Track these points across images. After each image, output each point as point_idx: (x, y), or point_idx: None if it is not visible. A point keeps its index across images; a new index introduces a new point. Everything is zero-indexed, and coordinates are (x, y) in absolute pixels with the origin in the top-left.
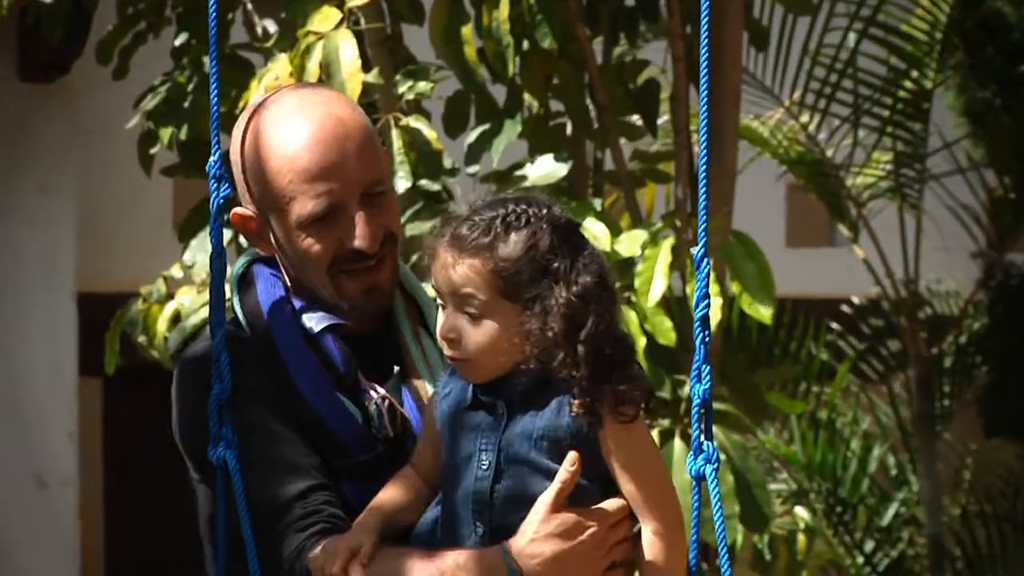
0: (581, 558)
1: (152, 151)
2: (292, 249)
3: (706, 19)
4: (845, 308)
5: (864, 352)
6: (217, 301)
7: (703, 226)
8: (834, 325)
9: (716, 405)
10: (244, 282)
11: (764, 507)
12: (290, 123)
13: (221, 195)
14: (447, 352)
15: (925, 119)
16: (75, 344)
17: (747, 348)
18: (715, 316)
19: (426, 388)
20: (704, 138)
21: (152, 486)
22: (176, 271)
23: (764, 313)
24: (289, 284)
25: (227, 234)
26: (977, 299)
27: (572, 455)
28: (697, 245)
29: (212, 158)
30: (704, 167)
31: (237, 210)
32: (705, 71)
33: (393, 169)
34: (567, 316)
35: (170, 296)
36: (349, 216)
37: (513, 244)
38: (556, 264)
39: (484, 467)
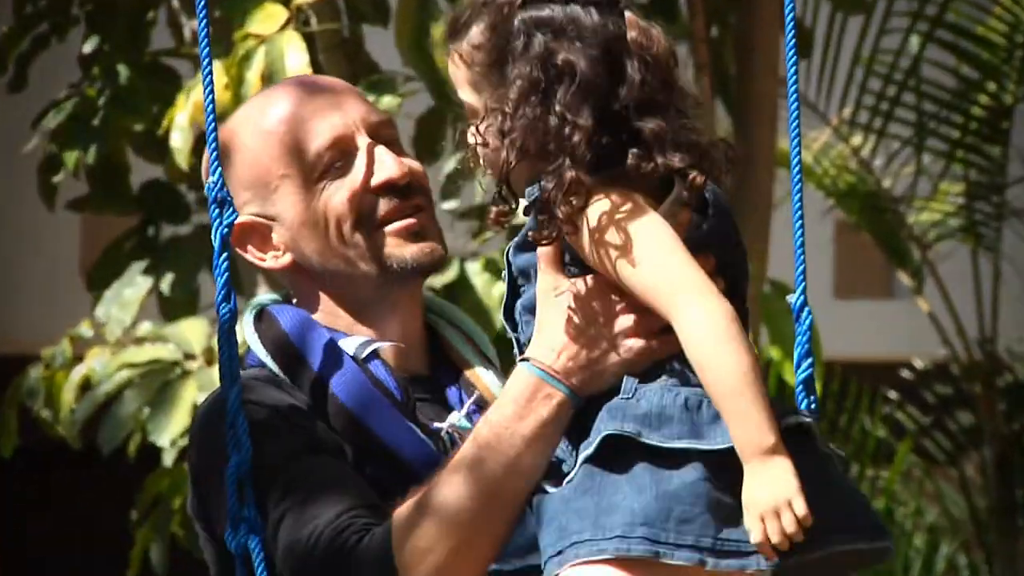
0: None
1: (55, 179)
2: (308, 223)
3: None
4: (906, 373)
5: (929, 427)
6: (229, 354)
7: (800, 268)
8: (892, 394)
9: None
10: (259, 322)
11: None
12: (271, 93)
13: (226, 222)
14: None
15: (1004, 141)
16: None
17: None
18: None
19: None
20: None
21: None
22: (85, 328)
23: None
24: (316, 316)
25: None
26: None
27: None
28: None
29: (212, 178)
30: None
31: (238, 222)
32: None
33: None
34: (507, 109)
35: (78, 359)
36: (365, 154)
37: (476, 27)
38: (517, 42)
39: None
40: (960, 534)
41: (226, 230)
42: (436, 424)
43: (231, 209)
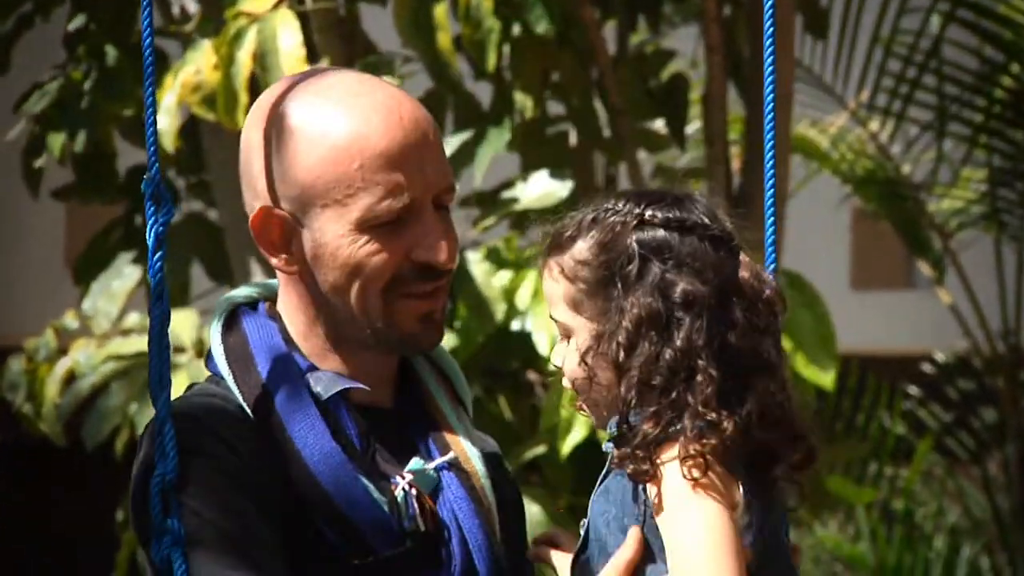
0: None
1: (38, 163)
2: (337, 260)
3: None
4: (927, 368)
5: (951, 424)
6: (160, 358)
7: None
8: (912, 390)
9: None
10: (227, 332)
11: None
12: (356, 99)
13: (161, 220)
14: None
15: None
16: None
17: None
18: None
19: (476, 472)
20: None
21: None
22: (70, 320)
23: (824, 377)
24: (290, 329)
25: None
26: None
27: (632, 532)
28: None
29: (148, 174)
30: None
31: (261, 208)
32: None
33: None
34: (621, 339)
35: (62, 352)
36: (422, 222)
37: (582, 242)
38: (630, 267)
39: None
40: (982, 535)
41: (161, 228)
42: (394, 475)
43: (167, 207)
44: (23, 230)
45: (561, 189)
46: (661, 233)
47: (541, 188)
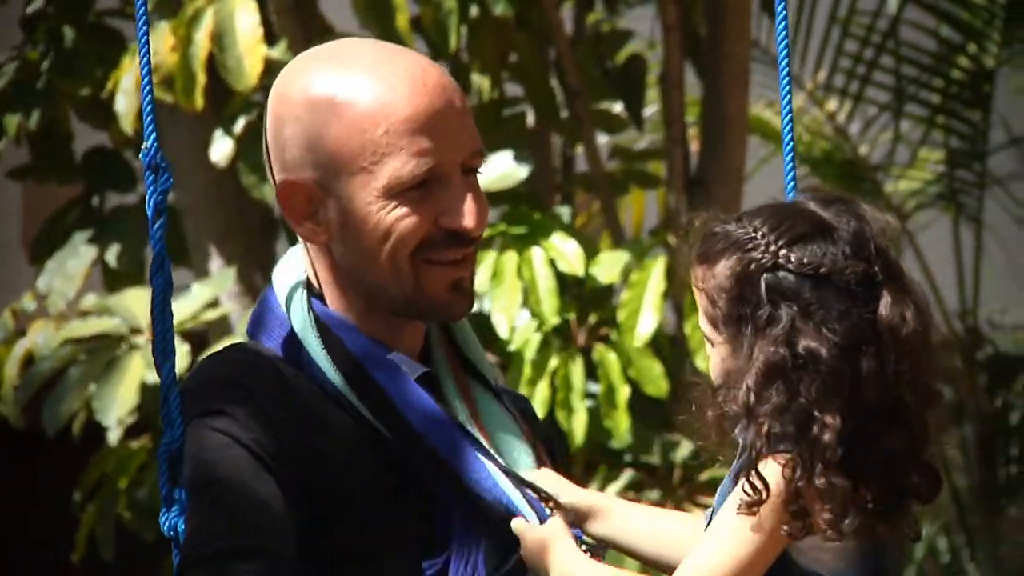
0: None
1: None
2: (365, 226)
3: None
4: None
5: None
6: (163, 327)
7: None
8: None
9: (712, 472)
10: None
11: None
12: (381, 66)
13: (160, 189)
14: None
15: (986, 107)
16: None
17: None
18: None
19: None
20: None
21: None
22: (28, 301)
23: None
24: (335, 299)
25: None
26: None
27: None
28: None
29: (145, 144)
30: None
31: (287, 178)
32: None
33: None
34: (750, 383)
35: (20, 333)
36: (450, 187)
37: (723, 266)
38: (761, 311)
39: None
40: (941, 516)
41: (160, 197)
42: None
43: (166, 176)
44: None
45: (519, 170)
46: (792, 279)
47: (499, 169)
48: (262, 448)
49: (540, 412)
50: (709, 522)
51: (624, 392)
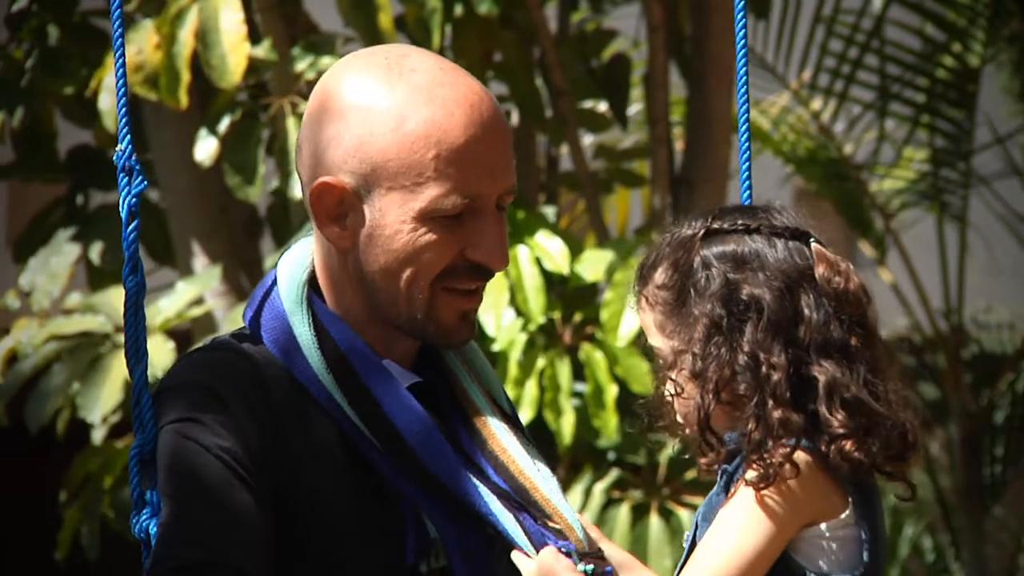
0: None
1: None
2: (393, 244)
3: None
4: None
5: None
6: (135, 328)
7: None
8: None
9: (691, 473)
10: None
11: None
12: (440, 88)
13: (134, 192)
14: None
15: (970, 106)
16: None
17: None
18: None
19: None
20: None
21: None
22: (11, 299)
23: None
24: (328, 301)
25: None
26: None
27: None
28: None
29: (120, 146)
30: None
31: (325, 179)
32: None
33: (288, 170)
34: (696, 350)
35: (4, 331)
36: (483, 221)
37: (659, 271)
38: (697, 280)
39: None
40: (925, 515)
41: (134, 200)
42: None
43: (140, 178)
44: None
45: None
46: (727, 239)
47: None
48: (234, 457)
49: (529, 413)
50: (694, 534)
51: (612, 391)
